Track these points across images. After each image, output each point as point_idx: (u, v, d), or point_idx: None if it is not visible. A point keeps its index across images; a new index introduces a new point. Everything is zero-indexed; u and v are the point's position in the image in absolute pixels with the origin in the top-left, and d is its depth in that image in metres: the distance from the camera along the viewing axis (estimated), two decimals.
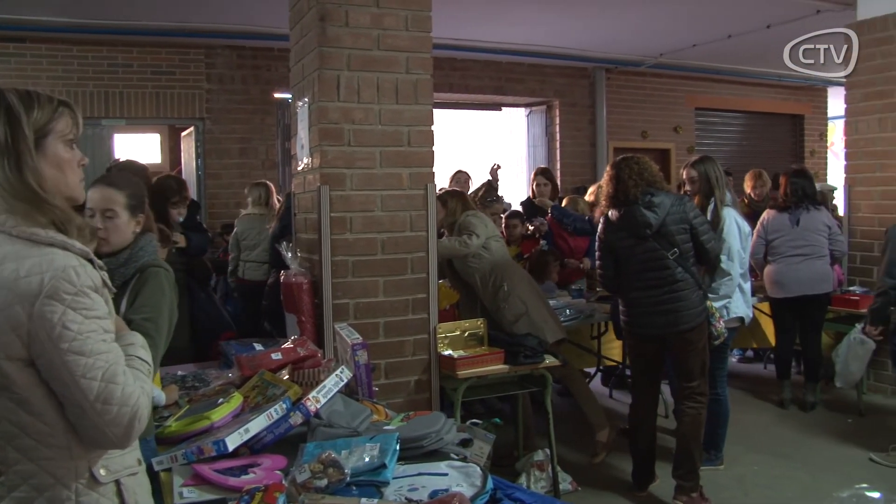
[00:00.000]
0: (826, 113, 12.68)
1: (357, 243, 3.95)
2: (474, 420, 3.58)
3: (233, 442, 2.25)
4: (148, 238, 2.63)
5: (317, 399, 2.41)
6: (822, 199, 6.12)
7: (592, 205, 6.28)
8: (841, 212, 7.03)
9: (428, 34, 4.11)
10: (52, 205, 1.60)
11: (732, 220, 4.54)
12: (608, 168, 4.33)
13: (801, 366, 6.30)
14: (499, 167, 6.99)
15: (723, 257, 4.44)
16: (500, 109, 10.49)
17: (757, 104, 11.89)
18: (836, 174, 11.24)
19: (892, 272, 4.74)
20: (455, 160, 8.79)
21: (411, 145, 4.06)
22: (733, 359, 7.75)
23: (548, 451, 4.31)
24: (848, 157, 6.64)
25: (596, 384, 6.49)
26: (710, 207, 4.59)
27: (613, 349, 6.20)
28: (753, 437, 5.38)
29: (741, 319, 4.64)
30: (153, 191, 4.42)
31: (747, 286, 4.66)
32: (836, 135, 13.27)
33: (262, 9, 6.58)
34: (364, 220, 3.96)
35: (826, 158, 12.74)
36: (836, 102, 11.05)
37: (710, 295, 4.35)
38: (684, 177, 4.85)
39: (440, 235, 5.60)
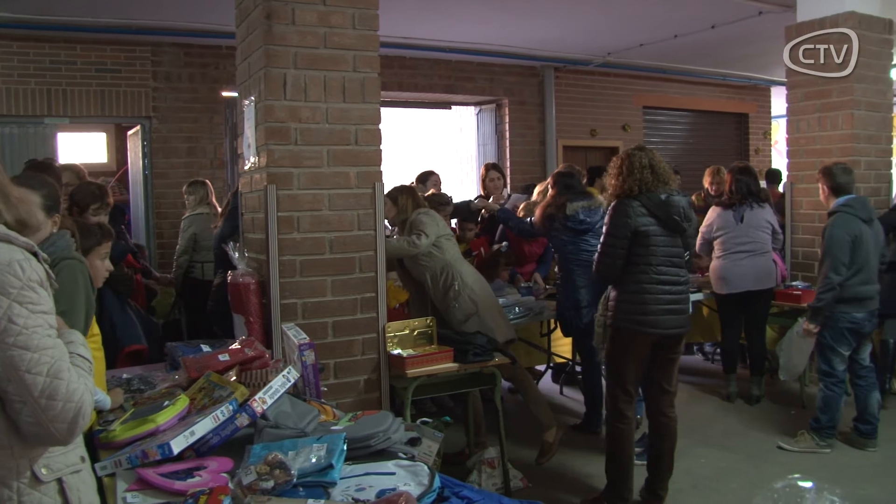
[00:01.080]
0: (770, 112, 12.94)
1: (304, 243, 3.93)
2: (424, 419, 3.59)
3: (178, 445, 2.22)
4: (61, 234, 2.58)
5: (263, 400, 2.40)
6: (766, 196, 6.24)
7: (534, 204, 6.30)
8: None
9: (375, 32, 4.10)
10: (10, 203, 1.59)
11: None
12: (626, 155, 4.15)
13: (747, 360, 6.43)
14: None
15: None
16: (450, 108, 10.51)
17: (703, 103, 12.09)
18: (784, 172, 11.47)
19: (839, 269, 4.86)
20: (405, 159, 8.82)
21: (359, 144, 4.05)
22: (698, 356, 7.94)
23: (498, 447, 4.33)
24: (789, 155, 6.79)
25: (546, 381, 6.54)
26: None
27: (563, 346, 6.25)
28: (700, 431, 5.48)
29: None
30: (73, 198, 4.36)
31: None
32: (779, 133, 13.55)
33: (209, 6, 6.50)
34: (311, 219, 3.94)
35: (770, 156, 13.00)
36: (779, 102, 11.30)
37: None
38: None
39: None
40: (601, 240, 4.12)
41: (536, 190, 6.36)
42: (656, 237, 3.98)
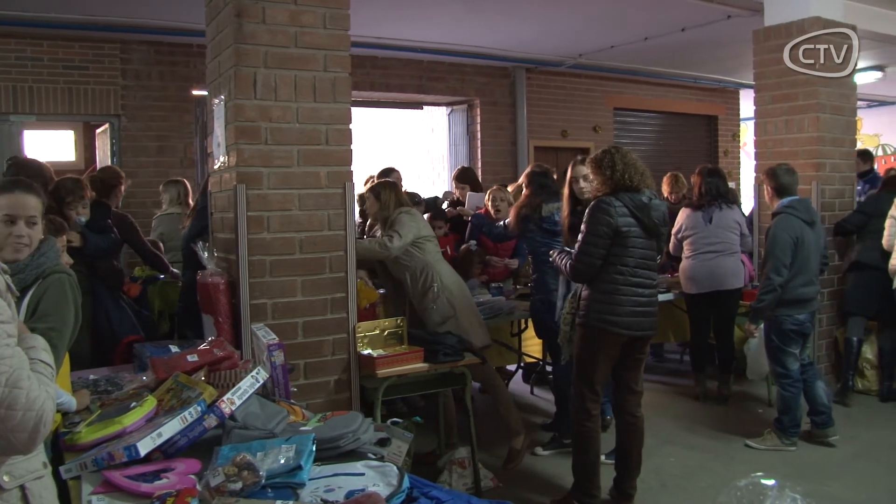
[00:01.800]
0: (738, 114, 13.08)
1: (274, 243, 3.91)
2: (394, 419, 3.60)
3: (145, 447, 2.21)
4: (50, 243, 2.55)
5: (232, 401, 2.39)
6: (734, 197, 6.32)
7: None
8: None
9: (346, 32, 4.09)
10: None
11: None
12: (612, 150, 4.07)
13: (716, 359, 6.50)
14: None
15: None
16: (422, 108, 10.49)
17: (673, 105, 12.20)
18: (748, 173, 11.59)
19: (780, 270, 4.93)
20: (377, 159, 8.79)
21: (329, 144, 4.03)
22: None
23: (469, 447, 4.34)
24: (757, 157, 6.88)
25: (517, 381, 6.56)
26: None
27: (534, 346, 6.28)
28: (669, 430, 5.54)
29: None
30: (51, 194, 4.33)
31: None
32: (748, 135, 13.69)
33: (179, 4, 6.44)
34: (282, 219, 3.93)
35: (739, 158, 13.13)
36: (747, 104, 11.43)
37: None
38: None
39: (369, 229, 5.57)
40: (580, 239, 4.03)
41: (509, 189, 6.37)
42: (635, 238, 3.95)
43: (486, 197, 6.25)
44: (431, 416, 5.07)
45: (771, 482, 1.85)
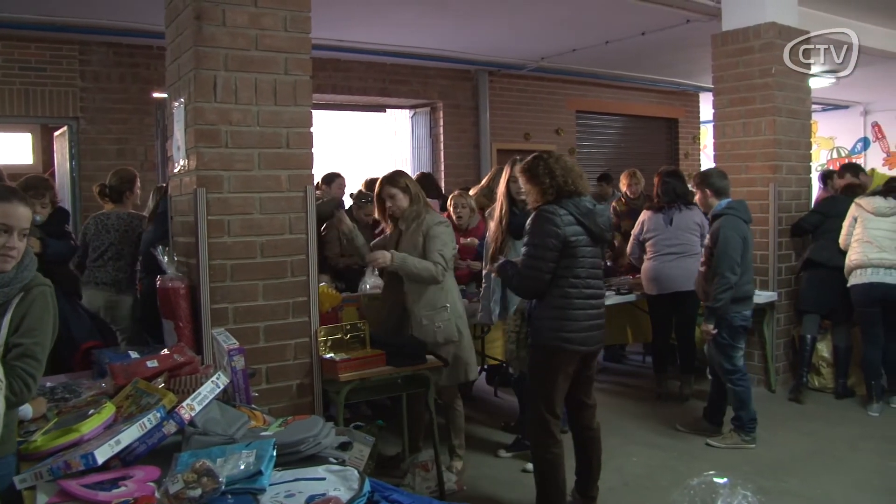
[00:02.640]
0: (699, 117, 13.27)
1: (235, 247, 3.89)
2: (357, 423, 3.59)
3: (102, 454, 2.18)
4: (30, 254, 2.50)
5: (191, 407, 2.37)
6: (692, 198, 6.41)
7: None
8: None
9: (307, 35, 4.09)
10: None
11: None
12: (533, 162, 3.87)
13: (677, 359, 6.58)
14: None
15: None
16: (385, 111, 10.49)
17: (634, 108, 12.34)
18: None
19: (734, 269, 5.01)
20: (340, 162, 8.77)
21: (290, 147, 4.03)
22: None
23: (432, 451, 4.34)
24: (716, 159, 6.98)
25: (481, 382, 6.58)
26: None
27: (497, 348, 6.29)
28: (631, 430, 5.60)
29: None
30: None
31: None
32: (707, 138, 13.88)
33: (139, 5, 6.35)
34: (242, 223, 3.91)
35: (699, 160, 13.31)
36: (707, 107, 11.59)
37: None
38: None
39: (374, 226, 5.43)
40: (524, 252, 3.82)
41: (471, 192, 6.39)
42: (584, 248, 3.76)
43: (448, 203, 6.20)
44: (398, 419, 5.06)
45: (723, 480, 1.89)
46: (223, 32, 3.85)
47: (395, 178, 4.47)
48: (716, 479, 1.88)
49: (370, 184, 6.69)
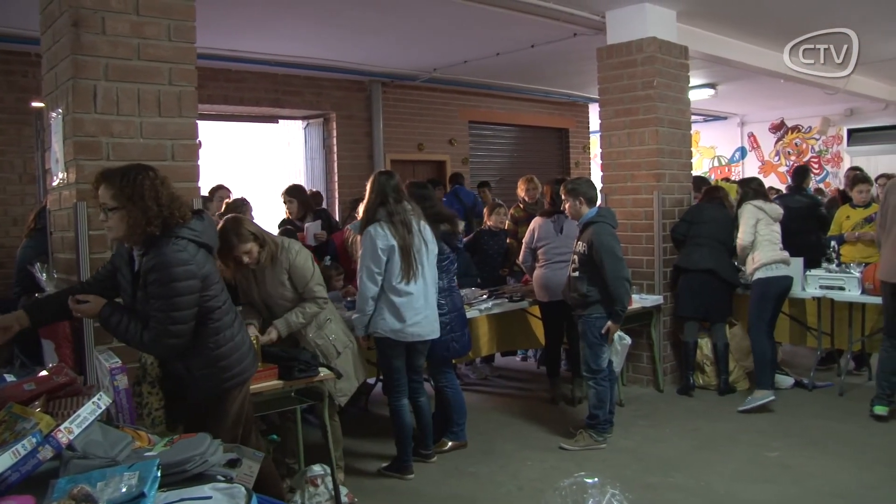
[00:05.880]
0: (588, 127, 13.66)
1: None
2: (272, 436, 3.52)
3: None
4: None
5: (69, 430, 2.27)
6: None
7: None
8: None
9: (192, 45, 4.01)
10: None
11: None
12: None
13: (570, 363, 6.72)
14: None
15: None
16: (277, 122, 10.39)
17: (526, 118, 12.60)
18: (599, 184, 12.11)
19: (621, 268, 5.17)
20: (232, 174, 8.62)
21: (175, 160, 3.93)
22: (517, 358, 8.24)
23: (325, 465, 4.28)
24: (603, 168, 7.21)
25: (377, 393, 6.55)
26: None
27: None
28: (525, 434, 5.70)
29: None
30: None
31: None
32: (597, 147, 14.28)
33: (15, 9, 6.07)
34: None
35: (590, 169, 13.69)
36: (596, 118, 11.93)
37: None
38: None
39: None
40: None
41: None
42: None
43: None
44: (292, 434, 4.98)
45: (592, 480, 1.96)
46: (103, 41, 3.73)
47: (240, 232, 4.14)
48: (586, 480, 1.95)
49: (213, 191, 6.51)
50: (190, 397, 3.28)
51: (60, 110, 3.85)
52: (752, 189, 6.48)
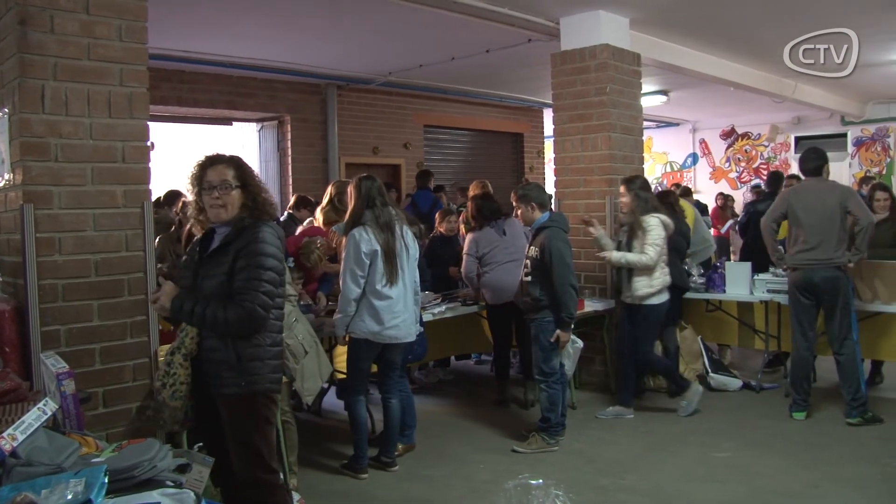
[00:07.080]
0: (543, 132, 13.77)
1: (67, 265, 3.70)
2: (200, 444, 3.49)
3: None
4: None
5: (13, 437, 2.23)
6: (508, 210, 6.62)
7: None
8: None
9: (143, 46, 3.96)
10: None
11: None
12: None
13: (521, 366, 6.76)
14: None
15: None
16: (231, 124, 10.29)
17: (481, 122, 12.66)
18: (553, 188, 12.22)
19: (567, 274, 5.17)
20: (185, 176, 8.48)
21: (126, 161, 3.88)
22: (471, 361, 8.27)
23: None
24: (556, 172, 7.28)
25: (331, 396, 6.53)
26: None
27: (344, 362, 6.27)
28: (477, 437, 5.74)
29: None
30: None
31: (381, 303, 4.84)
32: (551, 152, 14.40)
33: None
34: (75, 240, 3.73)
35: (544, 173, 13.79)
36: (550, 122, 12.05)
37: None
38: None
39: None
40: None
41: (319, 208, 6.35)
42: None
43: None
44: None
45: (537, 481, 1.98)
46: (52, 40, 3.67)
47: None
48: (531, 481, 1.97)
49: (168, 198, 6.39)
50: (214, 388, 3.24)
51: (6, 110, 3.77)
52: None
